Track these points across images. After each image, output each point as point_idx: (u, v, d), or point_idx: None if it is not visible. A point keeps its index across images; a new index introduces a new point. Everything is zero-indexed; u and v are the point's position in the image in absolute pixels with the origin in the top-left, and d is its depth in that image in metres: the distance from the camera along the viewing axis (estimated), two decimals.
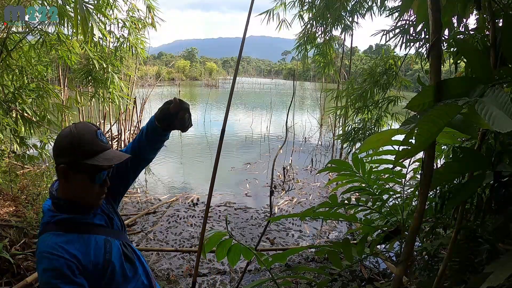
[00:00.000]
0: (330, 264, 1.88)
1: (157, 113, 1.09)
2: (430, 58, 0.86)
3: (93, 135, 0.94)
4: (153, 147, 1.16)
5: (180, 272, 3.15)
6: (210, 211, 4.64)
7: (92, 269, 0.92)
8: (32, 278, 2.55)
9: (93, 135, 0.94)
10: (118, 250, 1.02)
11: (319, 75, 8.74)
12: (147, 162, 1.22)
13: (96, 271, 0.93)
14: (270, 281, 1.61)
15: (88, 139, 0.92)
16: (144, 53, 5.33)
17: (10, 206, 3.65)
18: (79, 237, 0.93)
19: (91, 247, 0.94)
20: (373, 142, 1.03)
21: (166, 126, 1.10)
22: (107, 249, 0.97)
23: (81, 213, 0.98)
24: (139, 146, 1.14)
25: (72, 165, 0.92)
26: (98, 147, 0.93)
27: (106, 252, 0.97)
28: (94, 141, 0.93)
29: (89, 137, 0.93)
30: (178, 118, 1.06)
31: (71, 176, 0.93)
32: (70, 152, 0.91)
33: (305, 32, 5.23)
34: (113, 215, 1.11)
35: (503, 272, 0.86)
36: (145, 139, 1.13)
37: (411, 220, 1.44)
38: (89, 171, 0.93)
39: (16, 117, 3.43)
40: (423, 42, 2.97)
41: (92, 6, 2.56)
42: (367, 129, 3.99)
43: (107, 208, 1.10)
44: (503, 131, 0.58)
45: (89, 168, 0.92)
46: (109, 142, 1.01)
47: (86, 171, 0.93)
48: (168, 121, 1.08)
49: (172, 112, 1.06)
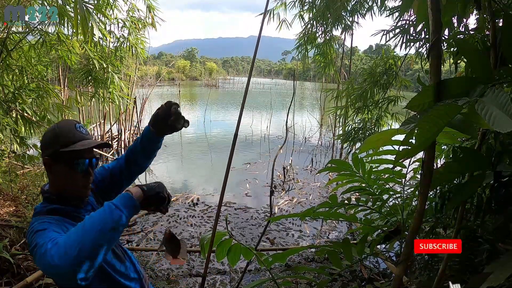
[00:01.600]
0: (330, 264, 1.87)
1: (150, 120, 1.15)
2: (430, 58, 0.86)
3: (72, 127, 1.01)
4: (147, 154, 1.22)
5: (180, 272, 3.15)
6: (210, 211, 4.66)
7: None
8: (32, 278, 2.55)
9: (72, 127, 1.01)
10: None
11: (319, 75, 8.74)
12: (141, 170, 1.29)
13: None
14: (270, 281, 1.61)
15: (66, 130, 1.00)
16: (144, 53, 5.32)
17: (10, 206, 3.65)
18: (69, 222, 0.96)
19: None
20: (373, 142, 1.03)
21: (159, 131, 1.14)
22: None
23: (70, 205, 1.01)
24: (134, 153, 1.21)
25: (53, 156, 0.99)
26: (76, 137, 1.00)
27: None
28: (71, 132, 1.00)
29: (68, 128, 1.01)
30: (168, 123, 1.09)
31: (54, 167, 1.00)
32: (50, 144, 0.99)
33: (305, 32, 5.22)
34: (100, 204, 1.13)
35: (503, 272, 0.86)
36: (140, 147, 1.19)
37: (411, 220, 1.45)
38: (67, 158, 0.98)
39: (16, 117, 3.43)
40: (423, 42, 2.97)
41: (92, 6, 2.56)
42: (367, 129, 3.99)
43: (98, 207, 1.12)
44: (503, 131, 0.58)
45: (66, 155, 0.98)
46: (90, 133, 1.07)
47: (65, 159, 0.98)
48: (160, 126, 1.13)
49: (161, 116, 1.10)
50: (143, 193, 0.89)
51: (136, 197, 0.87)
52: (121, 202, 0.84)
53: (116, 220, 0.81)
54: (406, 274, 1.98)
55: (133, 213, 0.86)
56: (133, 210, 0.86)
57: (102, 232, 0.78)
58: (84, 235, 0.77)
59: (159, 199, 0.92)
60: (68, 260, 0.74)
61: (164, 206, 0.95)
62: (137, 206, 0.87)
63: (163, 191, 0.93)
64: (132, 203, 0.85)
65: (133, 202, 0.86)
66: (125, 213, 0.83)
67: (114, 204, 0.83)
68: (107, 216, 0.81)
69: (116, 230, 0.81)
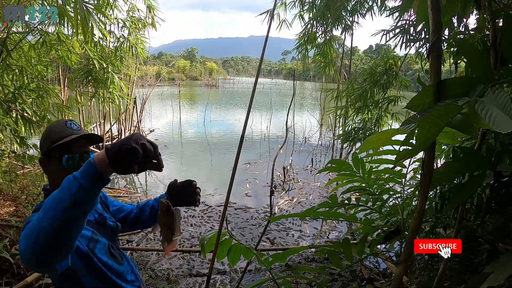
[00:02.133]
0: (330, 264, 1.87)
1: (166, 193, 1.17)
2: (430, 58, 0.86)
3: (62, 125, 1.04)
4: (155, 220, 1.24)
5: (180, 272, 3.15)
6: (210, 211, 4.66)
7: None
8: (32, 278, 2.55)
9: (62, 125, 1.04)
10: (104, 246, 1.01)
11: (319, 75, 8.74)
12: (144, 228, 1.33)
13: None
14: (270, 281, 1.61)
15: (57, 128, 1.03)
16: (144, 53, 5.33)
17: (10, 206, 3.65)
18: None
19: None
20: (373, 142, 1.03)
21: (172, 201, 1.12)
22: (92, 240, 0.97)
23: None
24: (142, 216, 1.26)
25: (46, 154, 1.01)
26: (66, 133, 1.01)
27: (90, 241, 0.96)
28: (62, 129, 1.02)
29: (58, 126, 1.04)
30: (187, 193, 1.13)
31: (48, 165, 1.02)
32: (43, 143, 1.02)
33: (305, 32, 5.23)
34: (106, 215, 1.12)
35: (503, 272, 0.86)
36: (149, 216, 1.25)
37: (411, 220, 1.44)
38: (57, 153, 0.99)
39: (16, 117, 3.43)
40: (423, 42, 2.97)
41: (92, 6, 2.56)
42: (367, 129, 3.99)
43: (101, 207, 1.12)
44: (503, 131, 0.58)
45: (57, 152, 0.99)
46: (82, 128, 1.08)
47: (57, 156, 1.00)
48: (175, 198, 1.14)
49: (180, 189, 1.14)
50: (105, 153, 0.69)
51: (97, 161, 0.68)
52: (80, 171, 0.69)
53: (73, 193, 0.66)
54: (406, 274, 1.98)
55: (95, 183, 0.68)
56: (93, 179, 0.67)
57: (60, 210, 0.66)
58: (43, 217, 0.67)
59: (128, 152, 0.68)
60: (29, 246, 0.67)
61: (139, 159, 0.70)
62: (99, 173, 0.68)
63: (130, 142, 0.68)
64: (92, 170, 0.67)
65: (93, 169, 0.67)
66: (83, 184, 0.67)
67: (73, 175, 0.68)
68: (64, 191, 0.67)
69: (76, 206, 0.67)
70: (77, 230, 0.71)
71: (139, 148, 0.68)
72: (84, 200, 0.68)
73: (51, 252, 0.68)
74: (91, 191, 0.68)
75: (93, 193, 0.69)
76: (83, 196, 0.67)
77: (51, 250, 0.68)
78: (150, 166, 0.76)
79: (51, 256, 0.69)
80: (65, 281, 0.93)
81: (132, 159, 0.69)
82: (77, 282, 0.93)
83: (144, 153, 0.70)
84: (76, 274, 0.92)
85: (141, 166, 0.73)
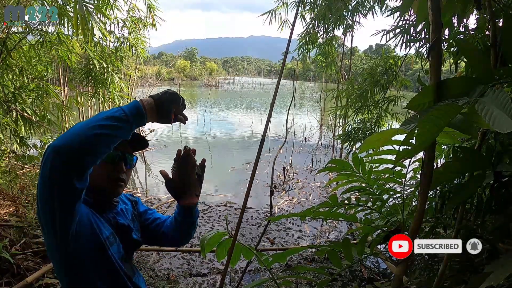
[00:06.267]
0: (330, 264, 1.87)
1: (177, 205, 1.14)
2: (430, 58, 0.86)
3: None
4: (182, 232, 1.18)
5: (180, 272, 3.15)
6: (210, 211, 4.66)
7: (87, 232, 0.88)
8: (32, 278, 2.55)
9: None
10: (119, 250, 0.97)
11: (319, 75, 8.74)
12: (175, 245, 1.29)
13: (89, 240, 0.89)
14: (270, 281, 1.61)
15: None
16: (144, 53, 5.33)
17: (10, 206, 3.65)
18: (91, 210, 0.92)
19: (95, 224, 0.90)
20: (373, 142, 1.03)
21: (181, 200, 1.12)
22: (110, 237, 0.94)
23: (95, 199, 0.96)
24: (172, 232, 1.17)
25: None
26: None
27: (108, 238, 0.93)
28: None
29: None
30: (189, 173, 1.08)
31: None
32: None
33: (307, 32, 5.22)
34: (133, 227, 1.07)
35: (503, 272, 0.86)
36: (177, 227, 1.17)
37: (411, 220, 1.44)
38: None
39: (16, 117, 3.43)
40: (423, 42, 2.97)
41: (92, 6, 2.56)
42: (367, 129, 3.99)
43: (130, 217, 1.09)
44: (503, 131, 0.57)
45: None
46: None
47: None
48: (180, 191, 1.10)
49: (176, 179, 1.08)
50: (153, 99, 0.84)
51: (145, 101, 0.82)
52: (127, 105, 0.81)
53: (114, 111, 0.78)
54: (406, 274, 1.98)
55: (135, 119, 0.80)
56: (136, 115, 0.80)
57: (100, 120, 0.75)
58: (86, 123, 0.76)
59: (171, 97, 0.85)
60: (68, 137, 0.73)
61: (179, 106, 0.88)
62: (142, 110, 0.81)
63: (172, 91, 0.87)
64: (138, 105, 0.81)
65: (139, 105, 0.81)
66: (126, 112, 0.78)
67: (120, 106, 0.80)
68: (107, 112, 0.78)
69: (111, 122, 0.76)
70: (102, 146, 0.76)
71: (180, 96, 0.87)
72: (119, 125, 0.77)
73: (81, 150, 0.73)
74: (128, 122, 0.78)
75: (129, 123, 0.78)
76: (121, 121, 0.77)
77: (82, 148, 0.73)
78: (180, 118, 0.92)
79: (79, 153, 0.73)
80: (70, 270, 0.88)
81: (173, 105, 0.87)
82: (82, 272, 0.89)
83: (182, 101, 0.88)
84: (84, 264, 0.88)
85: (176, 116, 0.89)
